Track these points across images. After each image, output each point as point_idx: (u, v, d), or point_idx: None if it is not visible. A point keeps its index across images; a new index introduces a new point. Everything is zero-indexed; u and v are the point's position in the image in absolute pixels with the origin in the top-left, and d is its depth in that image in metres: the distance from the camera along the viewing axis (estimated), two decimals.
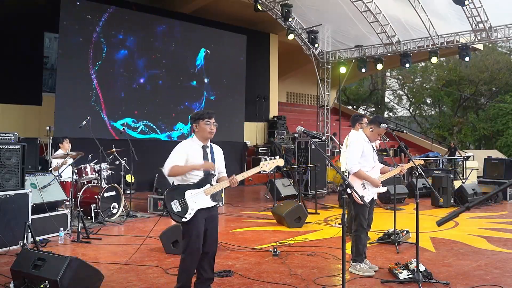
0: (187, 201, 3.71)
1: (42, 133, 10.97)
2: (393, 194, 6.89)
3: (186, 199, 3.71)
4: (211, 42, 14.08)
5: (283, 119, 18.01)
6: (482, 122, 29.38)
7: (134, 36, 12.42)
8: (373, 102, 38.11)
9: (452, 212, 2.23)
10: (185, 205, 3.70)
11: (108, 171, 8.23)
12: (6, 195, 5.60)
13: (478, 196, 9.77)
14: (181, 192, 3.73)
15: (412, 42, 14.12)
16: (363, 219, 4.78)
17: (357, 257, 4.77)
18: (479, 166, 14.10)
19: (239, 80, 14.95)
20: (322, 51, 16.09)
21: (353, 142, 4.96)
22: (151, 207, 8.53)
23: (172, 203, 3.68)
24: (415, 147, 23.40)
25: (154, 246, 5.83)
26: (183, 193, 3.73)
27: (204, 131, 3.88)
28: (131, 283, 4.41)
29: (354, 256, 4.77)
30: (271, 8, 13.83)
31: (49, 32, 13.01)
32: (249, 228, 7.21)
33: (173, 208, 3.67)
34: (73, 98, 11.10)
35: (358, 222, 4.78)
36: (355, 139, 4.97)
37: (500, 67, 29.17)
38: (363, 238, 4.82)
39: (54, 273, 3.70)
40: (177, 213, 3.68)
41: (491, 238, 6.58)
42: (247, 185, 14.13)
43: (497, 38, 12.81)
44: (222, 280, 4.47)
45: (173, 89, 13.23)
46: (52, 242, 5.99)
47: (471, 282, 4.49)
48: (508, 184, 2.36)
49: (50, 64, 13.46)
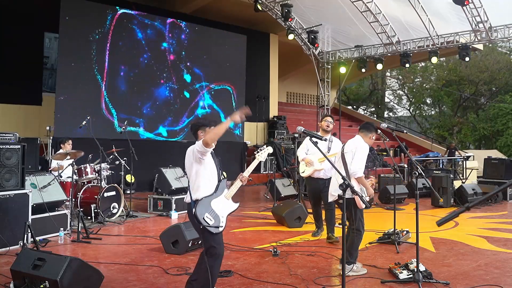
0: (215, 210, 3.80)
1: (42, 133, 10.96)
2: (393, 194, 6.88)
3: (214, 209, 3.80)
4: (211, 42, 14.07)
5: (283, 119, 18.01)
6: (482, 122, 29.37)
7: (134, 36, 12.42)
8: (373, 102, 38.11)
9: (452, 212, 2.23)
10: (216, 215, 3.79)
11: (108, 171, 8.23)
12: (6, 195, 5.60)
13: (478, 196, 9.77)
14: (207, 205, 3.79)
15: (412, 42, 14.11)
16: (362, 222, 4.83)
17: (353, 258, 4.81)
18: (479, 166, 14.09)
19: (239, 80, 14.95)
20: (322, 51, 16.08)
21: (363, 148, 4.95)
22: (151, 207, 8.53)
23: (205, 217, 3.74)
24: (415, 147, 23.40)
25: (154, 246, 5.83)
26: (209, 204, 3.80)
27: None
28: (131, 283, 4.41)
29: (351, 258, 4.79)
30: (271, 8, 13.82)
31: (49, 32, 13.01)
32: (249, 228, 7.22)
33: (208, 222, 3.73)
34: (73, 98, 11.10)
35: (357, 225, 4.81)
36: (365, 145, 4.99)
37: (500, 67, 29.16)
38: (360, 241, 4.87)
39: (54, 273, 3.70)
40: (213, 226, 3.75)
41: (491, 238, 6.58)
42: (247, 185, 14.10)
43: (497, 38, 12.80)
44: (222, 280, 4.47)
45: (173, 89, 13.23)
46: (52, 242, 5.99)
47: (471, 282, 4.50)
48: (508, 184, 2.36)
49: (50, 64, 13.46)
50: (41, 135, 10.63)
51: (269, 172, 14.77)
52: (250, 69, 15.60)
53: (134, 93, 12.38)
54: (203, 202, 3.78)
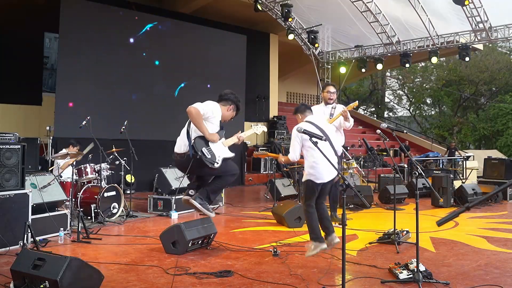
0: (212, 149, 4.14)
1: (42, 133, 10.97)
2: (393, 194, 6.88)
3: (212, 148, 4.14)
4: (211, 42, 14.07)
5: (283, 119, 18.01)
6: (482, 122, 29.37)
7: (134, 36, 12.42)
8: (373, 102, 38.12)
9: (452, 212, 2.23)
10: (212, 153, 4.12)
11: (108, 171, 8.23)
12: (6, 195, 5.60)
13: (478, 196, 9.76)
14: (206, 142, 4.14)
15: (412, 42, 14.12)
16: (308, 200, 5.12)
17: (312, 236, 5.10)
18: (479, 166, 14.09)
19: (239, 80, 14.95)
20: (322, 51, 16.09)
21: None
22: (151, 207, 8.53)
23: (203, 150, 4.06)
24: (415, 147, 23.39)
25: (154, 246, 5.83)
26: (208, 143, 4.16)
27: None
28: (131, 283, 4.41)
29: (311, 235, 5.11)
30: (271, 8, 13.83)
31: (49, 32, 13.01)
32: (249, 228, 7.21)
33: (205, 154, 4.06)
34: (73, 98, 11.10)
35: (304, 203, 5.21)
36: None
37: (500, 67, 29.17)
38: (310, 219, 5.13)
39: (54, 273, 3.70)
40: (209, 160, 4.08)
41: (491, 238, 6.58)
42: (247, 185, 14.13)
43: (497, 38, 12.81)
44: (222, 280, 4.47)
45: (173, 89, 13.22)
46: (52, 242, 5.99)
47: (471, 282, 4.49)
48: (508, 184, 2.36)
49: (50, 64, 13.47)
50: (41, 135, 10.64)
51: (269, 172, 14.77)
52: (250, 69, 15.59)
53: (135, 92, 12.38)
54: (202, 139, 4.05)
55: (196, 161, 3.96)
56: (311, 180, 4.99)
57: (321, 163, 4.89)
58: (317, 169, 4.95)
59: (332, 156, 4.92)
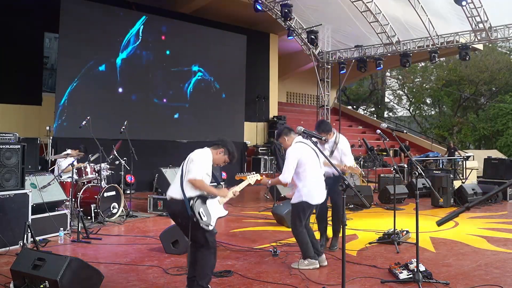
0: (209, 209, 3.92)
1: (42, 133, 10.96)
2: (393, 194, 6.88)
3: (208, 208, 3.93)
4: (211, 42, 14.07)
5: (283, 119, 18.01)
6: (482, 122, 29.37)
7: (134, 36, 12.41)
8: (373, 102, 38.13)
9: (452, 212, 2.23)
10: (208, 213, 3.90)
11: (108, 171, 8.23)
12: (6, 195, 5.60)
13: (478, 196, 9.77)
14: (203, 201, 3.92)
15: (412, 42, 14.10)
16: (299, 219, 4.95)
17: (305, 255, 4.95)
18: (479, 166, 14.09)
19: (239, 80, 14.94)
20: (322, 51, 16.08)
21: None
22: (151, 207, 8.53)
23: (200, 212, 3.84)
24: (415, 147, 23.39)
25: (154, 246, 5.83)
26: (205, 202, 3.93)
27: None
28: (131, 283, 4.41)
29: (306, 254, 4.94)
30: (271, 8, 13.82)
31: (49, 32, 13.00)
32: (249, 228, 7.22)
33: (202, 218, 3.84)
34: (73, 98, 11.10)
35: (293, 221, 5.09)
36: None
37: (500, 67, 29.17)
38: (305, 236, 4.98)
39: (54, 273, 3.70)
40: (205, 222, 3.85)
41: (491, 238, 6.58)
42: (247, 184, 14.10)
43: (497, 38, 12.79)
44: (222, 280, 4.47)
45: (173, 89, 13.22)
46: (52, 242, 5.99)
47: (471, 282, 4.50)
48: (508, 184, 2.36)
49: (50, 64, 13.46)
50: (41, 135, 10.61)
51: (269, 172, 14.77)
52: (250, 69, 15.59)
53: (134, 92, 12.37)
54: (201, 197, 3.89)
55: (193, 223, 3.80)
56: (306, 201, 4.87)
57: (316, 184, 4.91)
58: (313, 190, 4.89)
59: (321, 178, 4.98)
